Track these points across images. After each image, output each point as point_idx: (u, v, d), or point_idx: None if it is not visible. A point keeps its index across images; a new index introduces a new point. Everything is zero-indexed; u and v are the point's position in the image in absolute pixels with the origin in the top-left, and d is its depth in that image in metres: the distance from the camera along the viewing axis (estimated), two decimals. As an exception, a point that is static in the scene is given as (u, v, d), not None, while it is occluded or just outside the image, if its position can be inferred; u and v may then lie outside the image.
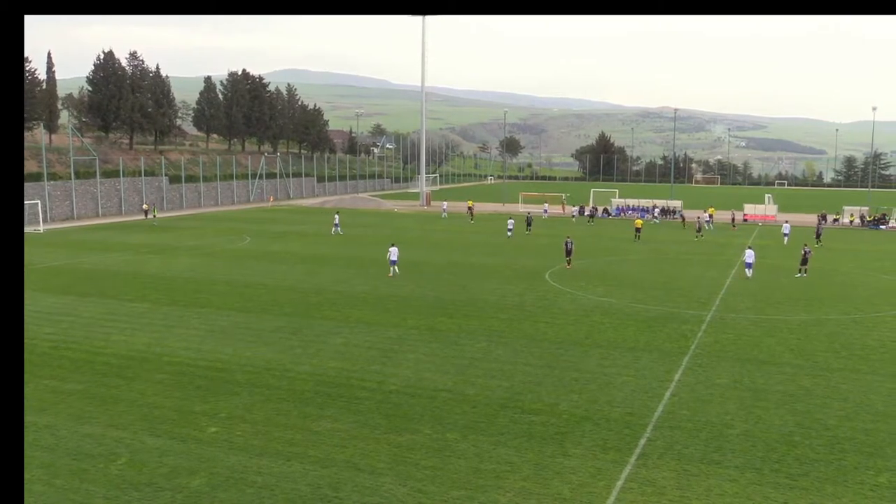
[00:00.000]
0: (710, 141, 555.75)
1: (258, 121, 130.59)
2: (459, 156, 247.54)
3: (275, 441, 18.10)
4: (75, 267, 45.73)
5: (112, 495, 15.30)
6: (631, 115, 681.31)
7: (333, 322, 30.90)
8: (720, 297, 36.95)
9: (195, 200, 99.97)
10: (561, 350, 26.63)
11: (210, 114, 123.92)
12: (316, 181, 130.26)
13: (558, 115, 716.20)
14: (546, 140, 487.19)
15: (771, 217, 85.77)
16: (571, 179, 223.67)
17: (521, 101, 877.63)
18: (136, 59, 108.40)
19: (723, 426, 19.24)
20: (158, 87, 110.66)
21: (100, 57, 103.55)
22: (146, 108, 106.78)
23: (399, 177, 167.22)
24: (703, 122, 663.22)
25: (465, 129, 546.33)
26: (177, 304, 34.51)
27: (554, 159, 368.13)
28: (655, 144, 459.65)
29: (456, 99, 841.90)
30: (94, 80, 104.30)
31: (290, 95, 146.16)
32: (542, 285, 40.02)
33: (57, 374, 23.56)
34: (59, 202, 78.99)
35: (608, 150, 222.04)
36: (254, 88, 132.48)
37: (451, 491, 15.53)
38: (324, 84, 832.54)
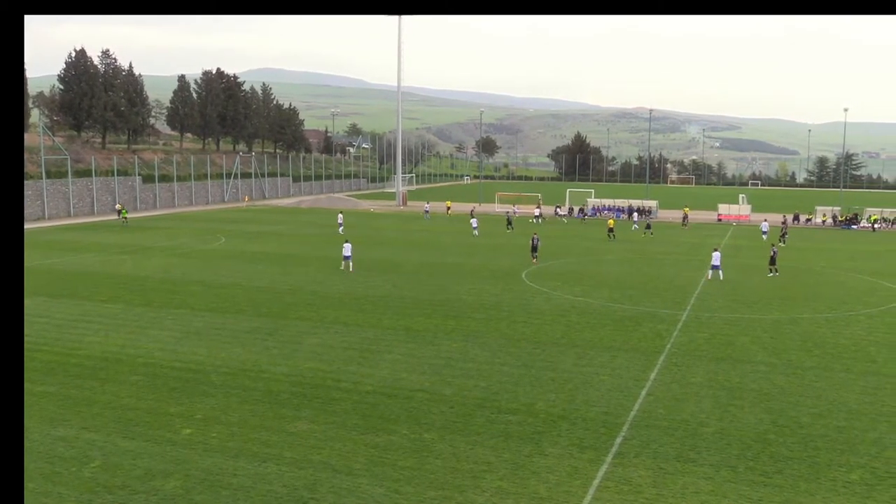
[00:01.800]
0: (684, 141, 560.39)
1: (233, 120, 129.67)
2: (436, 156, 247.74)
3: (250, 442, 17.97)
4: (47, 268, 45.14)
5: (85, 499, 15.11)
6: (607, 115, 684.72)
7: (309, 322, 30.76)
8: (695, 297, 37.24)
9: (169, 200, 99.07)
10: (538, 350, 26.70)
11: (184, 113, 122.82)
12: (291, 181, 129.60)
13: (534, 115, 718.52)
14: (522, 140, 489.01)
15: (745, 217, 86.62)
16: (547, 179, 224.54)
17: (497, 101, 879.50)
18: (108, 57, 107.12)
19: (698, 425, 19.38)
20: (131, 85, 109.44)
21: (71, 55, 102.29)
22: (119, 106, 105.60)
23: (375, 177, 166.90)
24: (678, 122, 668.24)
25: (442, 129, 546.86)
26: (151, 304, 34.18)
27: (530, 159, 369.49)
28: (631, 145, 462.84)
29: (432, 99, 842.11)
30: (65, 79, 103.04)
31: (266, 95, 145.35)
32: (518, 285, 40.11)
33: (29, 376, 23.17)
34: (29, 202, 77.87)
35: (584, 150, 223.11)
36: (228, 87, 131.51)
37: (428, 491, 15.51)
38: (299, 83, 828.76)
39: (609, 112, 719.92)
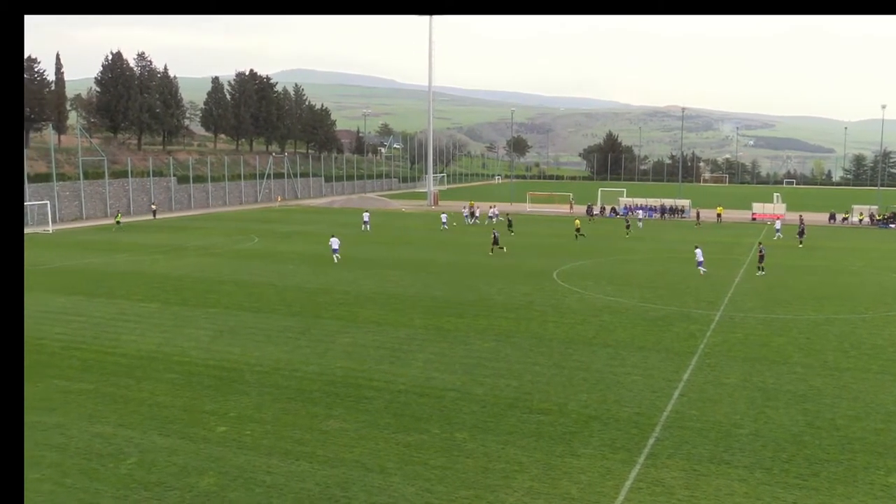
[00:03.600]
0: (718, 140, 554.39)
1: (266, 121, 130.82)
2: (467, 155, 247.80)
3: (284, 440, 18.14)
4: (84, 267, 45.89)
5: (121, 494, 15.35)
6: (638, 114, 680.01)
7: (341, 322, 30.94)
8: (728, 297, 36.85)
9: (203, 200, 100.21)
10: (570, 350, 26.61)
11: (218, 114, 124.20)
12: (323, 181, 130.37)
13: (566, 114, 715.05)
14: (553, 139, 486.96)
15: (780, 216, 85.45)
16: (579, 179, 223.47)
17: (528, 101, 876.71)
18: (143, 59, 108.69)
19: (732, 426, 19.19)
20: (166, 87, 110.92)
21: (108, 58, 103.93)
22: (154, 108, 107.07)
23: (406, 177, 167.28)
24: (712, 120, 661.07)
25: (473, 129, 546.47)
26: (186, 304, 34.61)
27: (561, 158, 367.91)
28: (663, 143, 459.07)
29: (463, 98, 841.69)
30: (102, 81, 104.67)
31: (298, 95, 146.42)
32: (550, 285, 39.99)
33: (67, 374, 23.65)
34: (67, 203, 79.29)
35: (616, 149, 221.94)
36: (261, 88, 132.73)
37: (459, 490, 15.53)
38: (331, 84, 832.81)
39: (641, 111, 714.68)
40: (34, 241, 59.85)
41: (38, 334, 28.65)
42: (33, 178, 76.27)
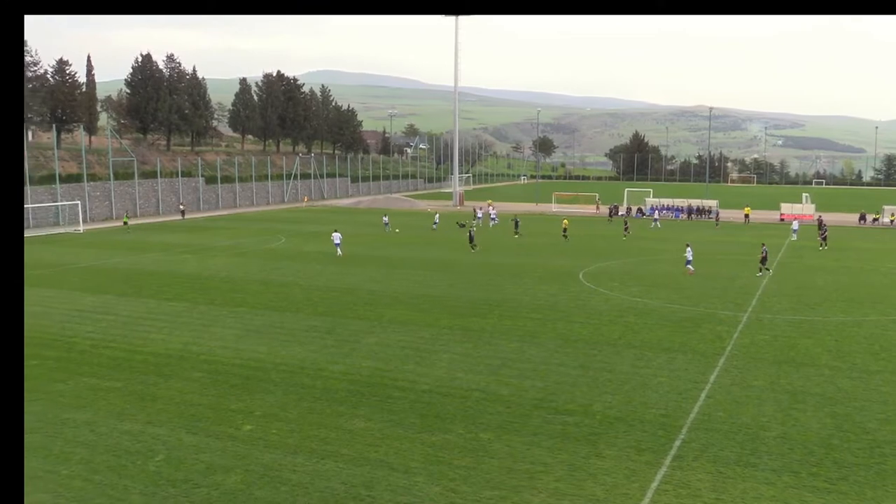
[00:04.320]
0: (746, 140, 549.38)
1: (293, 122, 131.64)
2: (492, 156, 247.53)
3: (309, 439, 18.25)
4: (114, 266, 46.46)
5: (149, 491, 15.53)
6: (665, 113, 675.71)
7: (367, 321, 31.06)
8: (756, 298, 36.50)
9: (231, 201, 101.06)
10: (595, 350, 26.51)
11: (245, 115, 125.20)
12: (350, 181, 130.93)
13: (592, 114, 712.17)
14: (579, 139, 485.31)
15: (809, 217, 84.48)
16: (605, 179, 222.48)
17: (554, 101, 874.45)
18: (173, 61, 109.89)
19: (759, 428, 19.01)
20: (195, 88, 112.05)
21: (138, 59, 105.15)
22: (183, 109, 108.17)
23: (432, 177, 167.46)
24: (739, 120, 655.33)
25: (498, 129, 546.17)
26: (213, 303, 34.93)
27: (587, 159, 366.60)
28: (690, 143, 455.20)
29: (489, 99, 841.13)
30: (132, 83, 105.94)
31: (324, 96, 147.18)
32: (575, 285, 39.85)
33: (96, 371, 23.97)
34: (98, 203, 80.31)
35: (642, 149, 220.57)
36: (288, 90, 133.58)
37: (484, 491, 15.53)
38: (357, 85, 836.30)
39: (668, 110, 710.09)
40: (65, 241, 60.72)
41: (68, 332, 29.09)
42: (65, 179, 77.37)
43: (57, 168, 77.01)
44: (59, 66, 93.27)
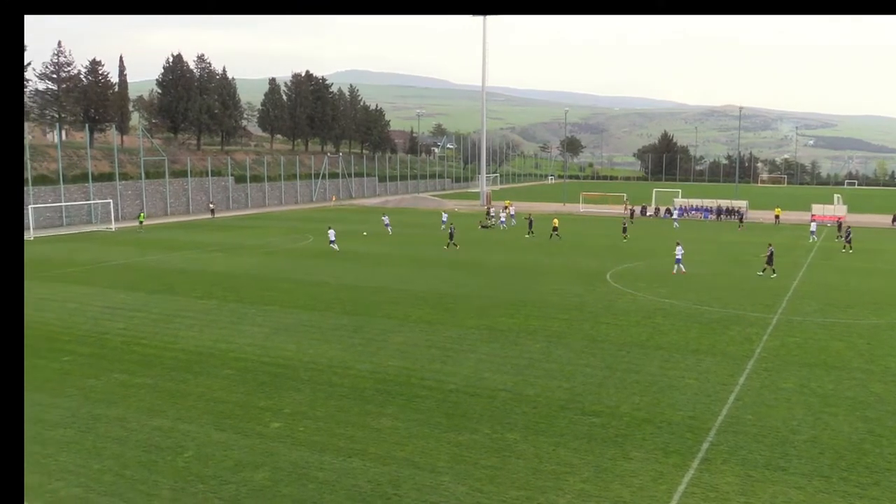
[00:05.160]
0: (776, 140, 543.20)
1: (321, 121, 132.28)
2: (520, 156, 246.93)
3: (336, 437, 18.36)
4: (145, 264, 47.04)
5: (179, 487, 15.72)
6: (694, 113, 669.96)
7: (394, 320, 31.17)
8: (786, 300, 36.11)
9: (260, 200, 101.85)
10: (622, 352, 26.39)
11: (274, 115, 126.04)
12: (377, 181, 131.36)
13: (620, 114, 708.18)
14: (607, 139, 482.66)
15: (841, 218, 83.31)
16: (633, 179, 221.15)
17: (582, 101, 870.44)
18: (203, 61, 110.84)
19: (789, 432, 18.83)
20: (225, 88, 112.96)
21: (169, 60, 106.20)
22: (213, 109, 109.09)
23: (459, 177, 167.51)
24: (770, 120, 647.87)
25: (526, 129, 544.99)
26: (242, 301, 35.24)
27: (615, 159, 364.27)
28: (720, 143, 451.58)
29: (517, 99, 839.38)
30: (163, 83, 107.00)
31: (353, 96, 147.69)
32: (602, 286, 39.69)
33: (128, 368, 24.30)
34: (129, 201, 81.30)
35: (671, 149, 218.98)
36: (317, 89, 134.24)
37: (510, 491, 15.54)
38: (385, 85, 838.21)
39: (697, 110, 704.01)
40: (97, 239, 61.56)
41: (101, 329, 29.51)
42: (97, 178, 78.42)
43: (90, 167, 78.09)
44: (93, 66, 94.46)
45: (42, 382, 22.75)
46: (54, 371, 23.96)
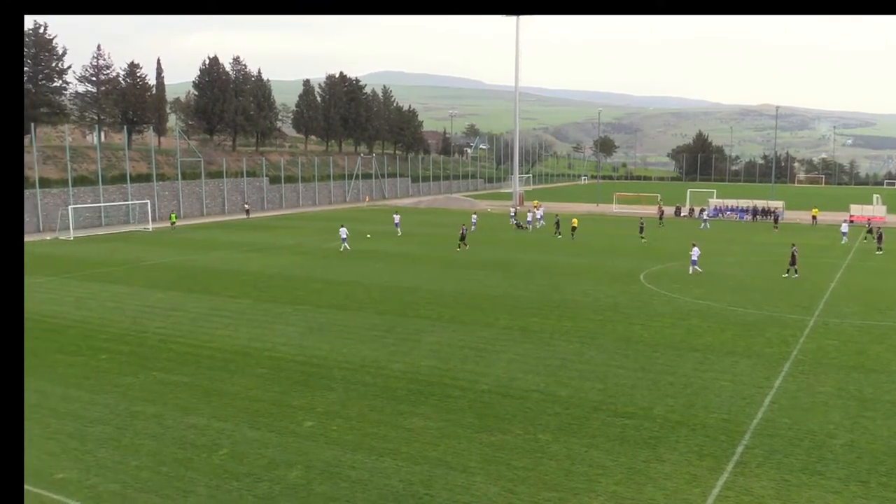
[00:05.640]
0: (813, 139, 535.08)
1: (355, 122, 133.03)
2: (553, 156, 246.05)
3: (369, 437, 18.46)
4: (182, 264, 47.65)
5: (214, 484, 15.92)
6: (730, 113, 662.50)
7: (427, 320, 31.24)
8: (824, 302, 35.59)
9: (294, 200, 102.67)
10: (656, 353, 26.20)
11: (309, 116, 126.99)
12: (410, 181, 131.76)
13: (654, 113, 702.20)
14: (641, 139, 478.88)
15: (880, 218, 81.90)
16: (667, 179, 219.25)
17: (615, 101, 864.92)
18: (239, 63, 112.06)
19: (826, 436, 18.56)
20: (260, 90, 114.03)
21: (205, 62, 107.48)
22: (248, 111, 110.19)
23: (492, 177, 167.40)
24: (807, 119, 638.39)
25: (559, 129, 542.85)
26: (277, 300, 35.56)
27: (649, 159, 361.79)
28: (756, 143, 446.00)
29: (550, 99, 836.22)
30: (199, 85, 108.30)
31: (386, 97, 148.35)
32: (636, 287, 39.42)
33: (165, 366, 24.65)
34: (166, 202, 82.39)
35: (706, 149, 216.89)
36: (351, 91, 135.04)
37: (542, 492, 15.52)
38: (419, 85, 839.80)
39: (732, 110, 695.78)
40: (135, 239, 62.49)
41: (139, 328, 29.97)
42: (135, 178, 79.59)
43: (128, 168, 79.27)
44: (131, 69, 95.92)
45: (81, 380, 23.17)
46: (93, 369, 24.39)
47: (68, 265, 47.12)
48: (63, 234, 64.93)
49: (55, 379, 23.29)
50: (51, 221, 68.86)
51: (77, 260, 49.50)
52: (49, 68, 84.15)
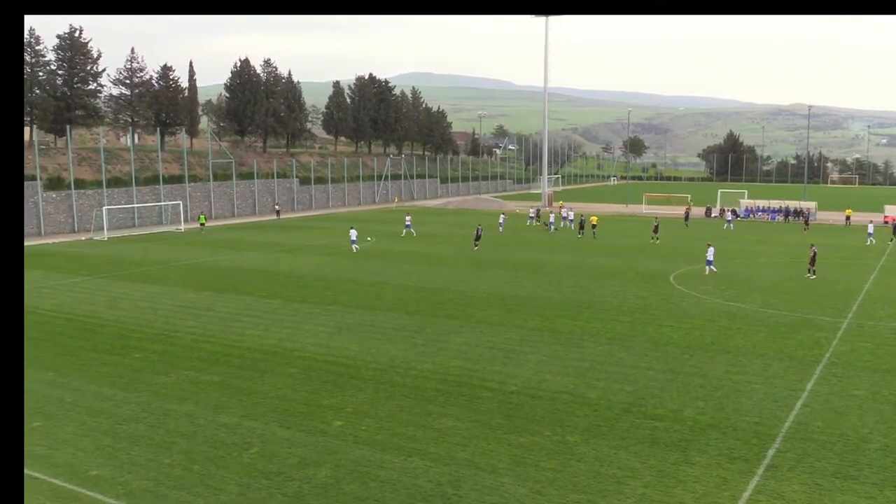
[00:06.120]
0: (847, 139, 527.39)
1: (384, 123, 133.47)
2: (582, 156, 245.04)
3: (398, 437, 18.54)
4: (213, 264, 48.14)
5: (244, 482, 16.08)
6: (761, 112, 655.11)
7: (456, 321, 31.29)
8: (857, 304, 35.09)
9: (324, 201, 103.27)
10: (686, 355, 26.01)
11: (338, 117, 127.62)
12: (439, 182, 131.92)
13: (684, 113, 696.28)
14: (671, 139, 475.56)
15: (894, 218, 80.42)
16: (698, 180, 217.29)
17: (645, 101, 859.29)
18: (269, 65, 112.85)
19: (860, 440, 18.31)
20: (290, 92, 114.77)
21: (236, 64, 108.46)
22: (279, 112, 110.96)
23: (521, 178, 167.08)
24: (840, 119, 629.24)
25: (588, 130, 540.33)
26: (306, 301, 35.81)
27: (679, 159, 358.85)
28: (787, 143, 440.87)
29: (579, 99, 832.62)
30: (231, 87, 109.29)
31: (415, 98, 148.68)
32: (666, 288, 39.14)
33: (197, 365, 24.93)
34: (198, 203, 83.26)
35: (737, 149, 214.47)
36: (380, 92, 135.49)
37: (570, 494, 15.48)
38: (448, 87, 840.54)
39: (764, 109, 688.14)
40: (167, 239, 63.23)
41: (171, 327, 30.34)
42: (167, 180, 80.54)
43: (160, 169, 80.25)
44: (164, 71, 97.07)
45: (115, 378, 23.51)
46: (126, 367, 24.74)
47: (102, 265, 47.82)
48: (97, 234, 65.89)
49: (90, 377, 23.66)
50: (85, 222, 69.93)
51: (111, 260, 50.22)
52: (84, 71, 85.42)
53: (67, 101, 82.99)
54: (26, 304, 35.16)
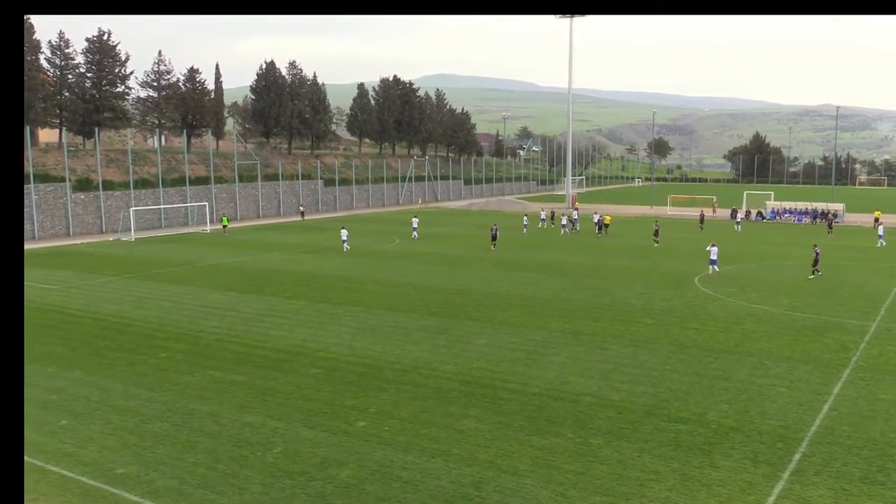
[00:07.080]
0: (875, 140, 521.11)
1: (408, 125, 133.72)
2: (606, 158, 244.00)
3: (420, 438, 18.57)
4: (238, 265, 48.50)
5: (268, 482, 16.19)
6: (788, 113, 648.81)
7: (478, 323, 31.29)
8: (886, 307, 34.63)
9: (348, 202, 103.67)
10: (710, 358, 25.82)
11: (363, 119, 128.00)
12: (463, 184, 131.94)
13: (710, 114, 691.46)
14: (696, 141, 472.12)
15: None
16: (723, 181, 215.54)
17: (670, 102, 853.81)
18: (294, 68, 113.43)
19: (887, 444, 18.08)
20: (315, 94, 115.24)
21: (262, 67, 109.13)
22: (304, 114, 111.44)
23: (545, 179, 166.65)
24: (869, 119, 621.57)
25: (613, 131, 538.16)
26: (330, 302, 35.97)
27: (705, 160, 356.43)
28: (815, 144, 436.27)
29: (603, 100, 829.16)
30: (256, 89, 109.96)
31: (439, 100, 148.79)
32: (690, 290, 38.88)
33: (221, 365, 25.14)
34: (224, 204, 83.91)
35: (763, 150, 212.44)
36: (404, 94, 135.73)
37: (593, 497, 15.43)
38: (472, 88, 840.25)
39: (791, 110, 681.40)
40: (193, 240, 63.80)
41: (196, 327, 30.61)
42: (193, 181, 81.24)
43: (187, 171, 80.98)
44: (190, 74, 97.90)
45: (140, 377, 23.77)
46: (151, 367, 25.00)
47: (129, 265, 48.34)
48: (125, 235, 66.61)
49: (116, 376, 23.94)
50: (113, 223, 70.75)
51: (137, 260, 50.76)
52: (112, 74, 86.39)
53: (96, 103, 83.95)
54: (55, 304, 35.64)
